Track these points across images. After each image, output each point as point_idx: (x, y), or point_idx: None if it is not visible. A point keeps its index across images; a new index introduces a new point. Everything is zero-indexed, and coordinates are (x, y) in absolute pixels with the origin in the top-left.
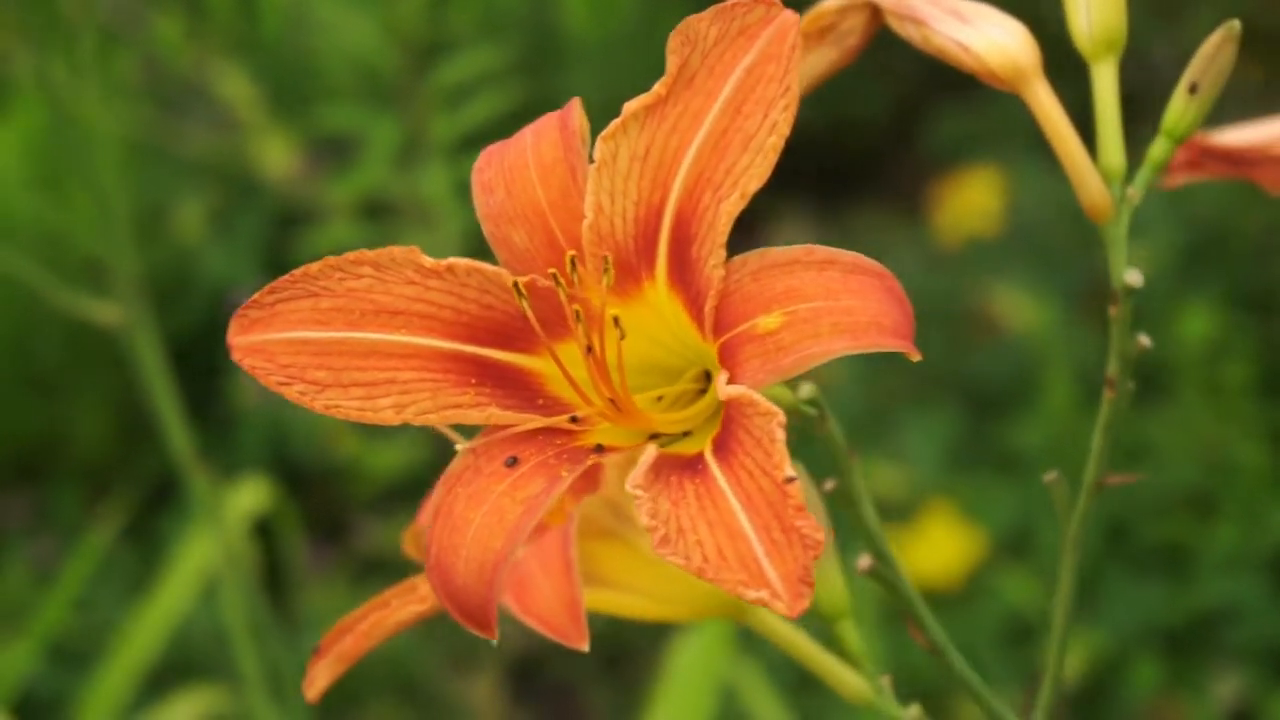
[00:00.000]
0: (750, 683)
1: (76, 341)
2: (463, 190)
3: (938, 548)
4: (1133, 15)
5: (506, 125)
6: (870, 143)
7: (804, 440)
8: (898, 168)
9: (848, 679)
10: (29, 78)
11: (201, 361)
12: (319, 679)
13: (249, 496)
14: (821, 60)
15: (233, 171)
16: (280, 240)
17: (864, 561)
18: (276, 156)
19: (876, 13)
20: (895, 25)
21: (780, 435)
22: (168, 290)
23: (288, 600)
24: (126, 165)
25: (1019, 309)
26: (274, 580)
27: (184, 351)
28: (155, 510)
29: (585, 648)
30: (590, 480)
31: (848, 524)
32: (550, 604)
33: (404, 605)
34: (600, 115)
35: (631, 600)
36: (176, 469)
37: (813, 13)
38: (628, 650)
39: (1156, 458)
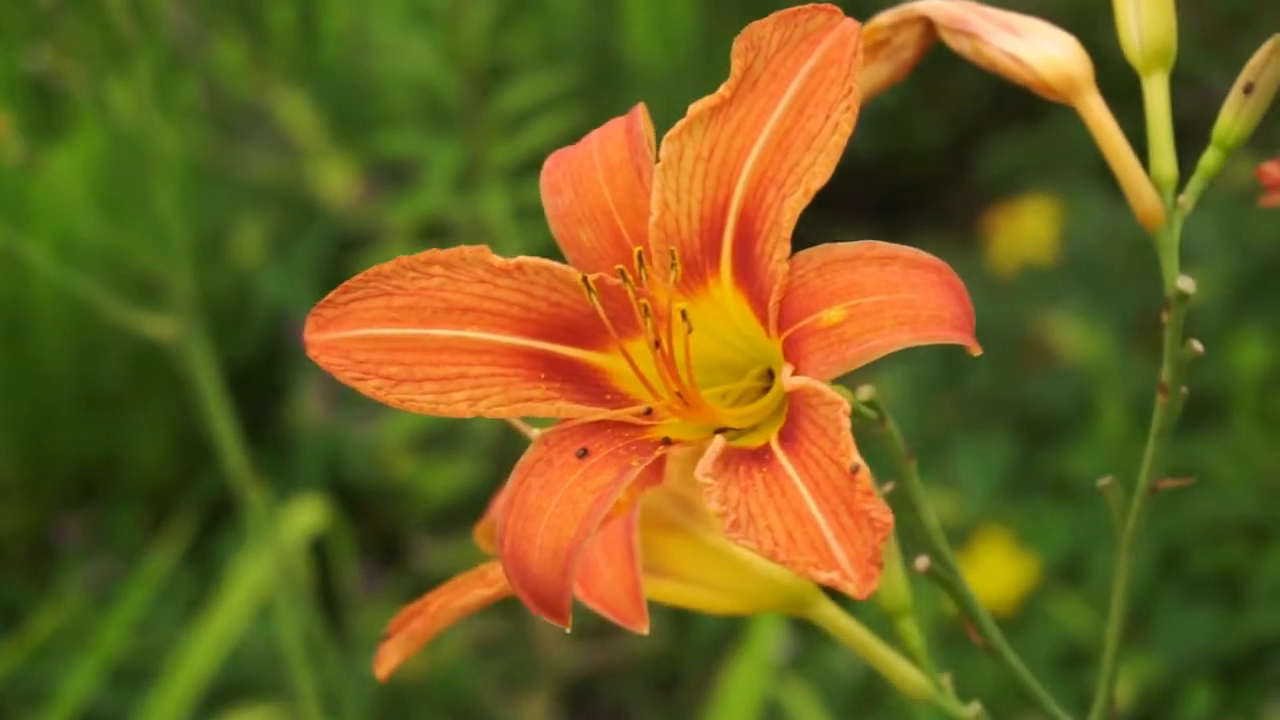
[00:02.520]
0: (803, 706)
1: (136, 363)
2: (523, 213)
3: (991, 574)
4: (1188, 43)
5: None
6: (926, 170)
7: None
8: (954, 196)
9: (909, 675)
10: (92, 101)
11: (260, 383)
12: (389, 658)
13: (305, 516)
14: (875, 75)
15: (292, 195)
16: (339, 264)
17: (922, 562)
18: (336, 180)
19: (930, 27)
20: (948, 39)
21: (846, 423)
22: (227, 313)
23: (341, 621)
24: (187, 188)
25: (1074, 337)
26: (328, 601)
27: (243, 374)
28: (212, 532)
29: (645, 630)
30: (654, 474)
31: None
32: (612, 588)
33: (471, 589)
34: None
35: (693, 591)
36: (233, 488)
37: (867, 27)
38: (680, 674)
39: (1211, 485)
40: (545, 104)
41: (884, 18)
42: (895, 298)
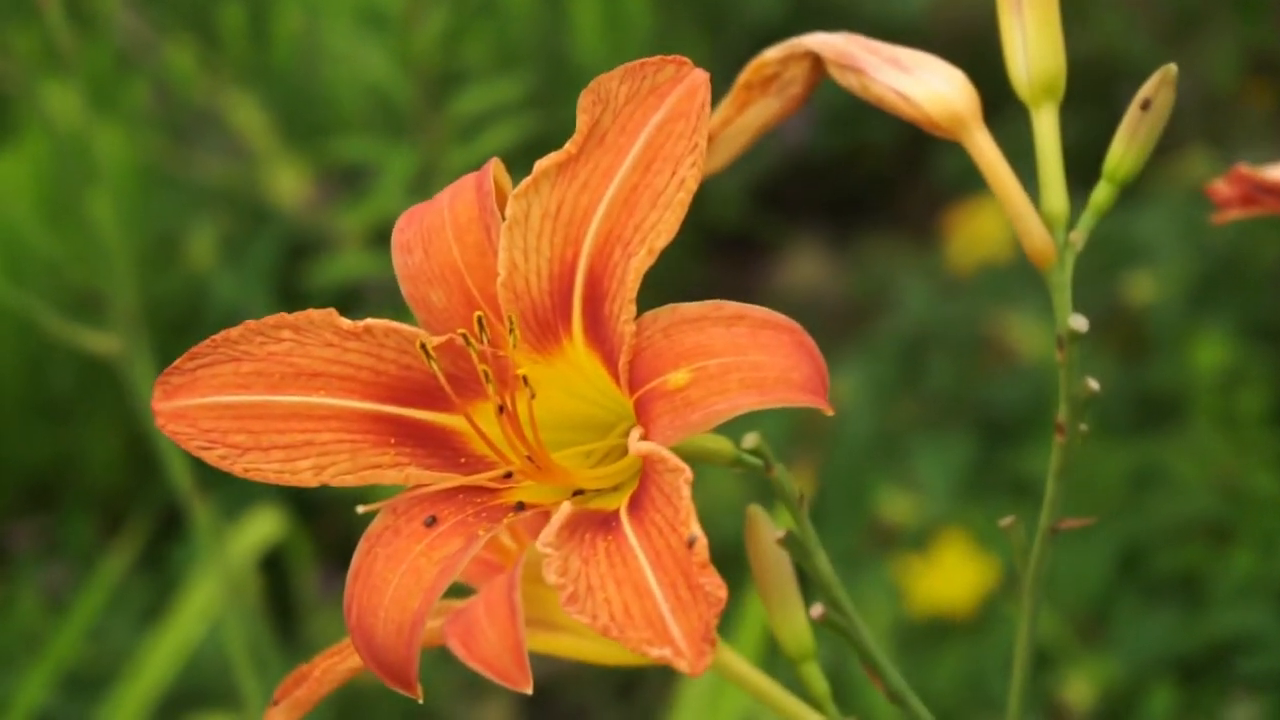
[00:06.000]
0: (770, 710)
1: (89, 368)
2: None
3: (950, 575)
4: (1141, 42)
5: (521, 155)
6: (882, 170)
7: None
8: (910, 195)
9: None
10: (38, 107)
11: None
12: None
13: (261, 526)
14: (765, 110)
15: (245, 199)
16: (292, 268)
17: (816, 610)
18: (288, 185)
19: (818, 62)
20: (836, 75)
21: (686, 492)
22: (180, 318)
23: (299, 628)
24: (136, 194)
25: (1031, 336)
26: (286, 608)
27: None
28: (167, 538)
29: (529, 690)
30: (542, 526)
31: (861, 560)
32: (494, 648)
33: (355, 653)
34: None
35: (583, 644)
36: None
37: (755, 63)
38: (643, 676)
39: (1171, 485)
40: (499, 109)
41: (771, 53)
42: (742, 359)
